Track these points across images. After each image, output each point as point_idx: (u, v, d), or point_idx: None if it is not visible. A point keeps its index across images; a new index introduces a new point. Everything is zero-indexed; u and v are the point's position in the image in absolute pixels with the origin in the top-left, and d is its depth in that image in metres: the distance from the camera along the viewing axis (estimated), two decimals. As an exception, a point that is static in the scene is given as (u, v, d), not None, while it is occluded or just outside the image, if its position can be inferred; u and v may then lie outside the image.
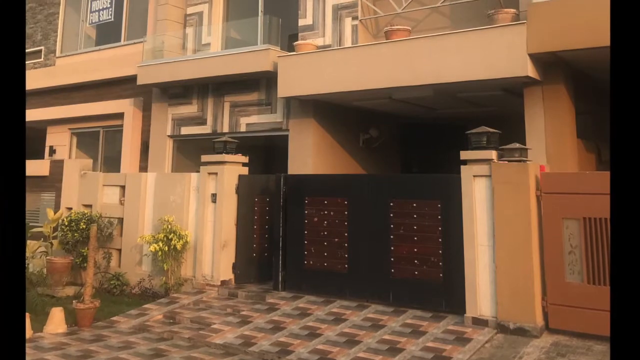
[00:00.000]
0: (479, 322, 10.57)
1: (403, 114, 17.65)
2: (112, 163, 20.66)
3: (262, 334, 10.96)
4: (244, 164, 14.74)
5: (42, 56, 23.96)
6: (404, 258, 11.84)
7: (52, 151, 22.25)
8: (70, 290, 15.28)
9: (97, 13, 22.43)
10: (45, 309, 12.77)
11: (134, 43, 20.67)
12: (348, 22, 15.92)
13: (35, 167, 18.00)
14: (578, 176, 10.46)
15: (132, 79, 19.35)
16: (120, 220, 16.19)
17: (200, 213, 14.62)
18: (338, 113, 16.37)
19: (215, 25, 19.12)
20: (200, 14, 19.38)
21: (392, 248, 11.98)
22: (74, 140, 22.35)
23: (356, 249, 12.49)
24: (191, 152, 18.60)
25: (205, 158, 14.69)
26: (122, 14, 21.81)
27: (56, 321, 12.18)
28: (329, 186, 13.20)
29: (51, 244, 16.08)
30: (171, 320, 12.58)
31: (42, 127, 22.95)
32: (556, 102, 12.42)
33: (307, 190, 13.36)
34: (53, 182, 17.81)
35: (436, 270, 11.45)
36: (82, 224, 15.73)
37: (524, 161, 10.50)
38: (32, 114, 22.40)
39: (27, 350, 10.52)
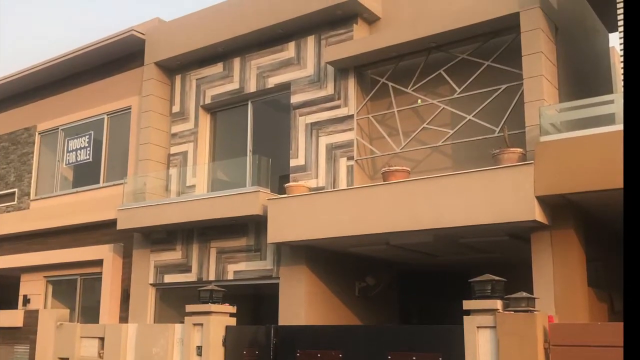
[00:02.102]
0: None
1: (402, 260, 17.76)
2: (90, 313, 20.61)
3: None
4: (231, 314, 14.73)
5: (16, 199, 24.19)
6: (403, 417, 11.74)
7: (26, 300, 22.19)
8: None
9: (74, 153, 22.68)
10: None
11: (114, 185, 20.91)
12: (343, 163, 16.25)
13: (7, 318, 17.99)
14: (589, 327, 10.50)
15: (112, 223, 19.48)
16: (99, 374, 16.08)
17: (183, 367, 14.54)
18: (332, 260, 16.52)
19: (200, 166, 19.41)
20: (184, 154, 19.73)
21: (390, 406, 11.89)
22: (50, 288, 22.35)
23: (353, 408, 12.38)
24: (175, 302, 18.61)
25: (190, 308, 14.68)
26: (100, 153, 22.05)
27: None
28: (322, 338, 13.18)
29: (25, 400, 15.95)
30: None
31: (15, 275, 23.00)
32: (565, 248, 12.54)
33: (299, 342, 13.32)
34: (27, 333, 17.71)
35: None
36: (58, 378, 15.65)
37: (531, 311, 10.51)
38: (5, 261, 22.53)
39: None
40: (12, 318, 18.16)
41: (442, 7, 15.84)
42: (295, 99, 17.39)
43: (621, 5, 12.57)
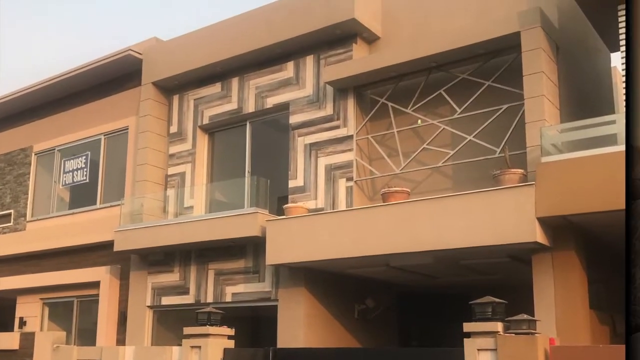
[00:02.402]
0: None
1: (401, 282, 17.75)
2: (87, 336, 20.57)
3: None
4: (229, 337, 14.67)
5: (12, 220, 24.19)
6: None
7: (22, 323, 22.16)
8: None
9: (70, 174, 22.69)
10: None
11: (111, 206, 20.90)
12: (342, 183, 16.26)
13: (3, 340, 17.96)
14: (591, 350, 10.49)
15: (109, 244, 19.46)
16: (95, 398, 16.02)
17: (180, 391, 14.50)
18: (331, 282, 16.51)
19: (198, 187, 19.41)
20: (182, 175, 19.74)
21: None
22: (46, 311, 22.34)
23: None
24: (173, 324, 18.59)
25: (187, 330, 14.61)
26: (97, 174, 22.04)
27: None
28: (321, 361, 13.19)
29: None
30: None
31: (11, 297, 22.97)
32: (567, 269, 12.52)
33: (298, 365, 13.34)
34: (23, 356, 17.63)
35: None
36: (52, 403, 15.61)
37: (533, 334, 10.50)
38: (1, 283, 22.46)
39: None
40: (8, 340, 18.12)
41: (442, 26, 15.90)
42: (294, 119, 17.42)
43: (623, 24, 12.61)
